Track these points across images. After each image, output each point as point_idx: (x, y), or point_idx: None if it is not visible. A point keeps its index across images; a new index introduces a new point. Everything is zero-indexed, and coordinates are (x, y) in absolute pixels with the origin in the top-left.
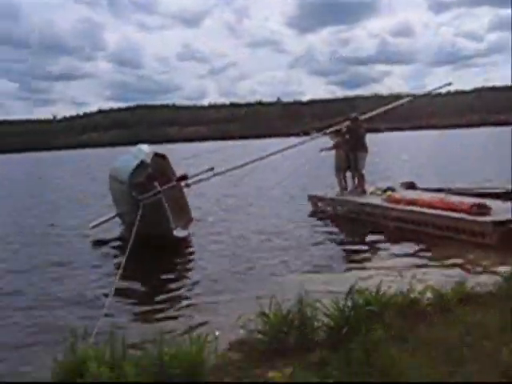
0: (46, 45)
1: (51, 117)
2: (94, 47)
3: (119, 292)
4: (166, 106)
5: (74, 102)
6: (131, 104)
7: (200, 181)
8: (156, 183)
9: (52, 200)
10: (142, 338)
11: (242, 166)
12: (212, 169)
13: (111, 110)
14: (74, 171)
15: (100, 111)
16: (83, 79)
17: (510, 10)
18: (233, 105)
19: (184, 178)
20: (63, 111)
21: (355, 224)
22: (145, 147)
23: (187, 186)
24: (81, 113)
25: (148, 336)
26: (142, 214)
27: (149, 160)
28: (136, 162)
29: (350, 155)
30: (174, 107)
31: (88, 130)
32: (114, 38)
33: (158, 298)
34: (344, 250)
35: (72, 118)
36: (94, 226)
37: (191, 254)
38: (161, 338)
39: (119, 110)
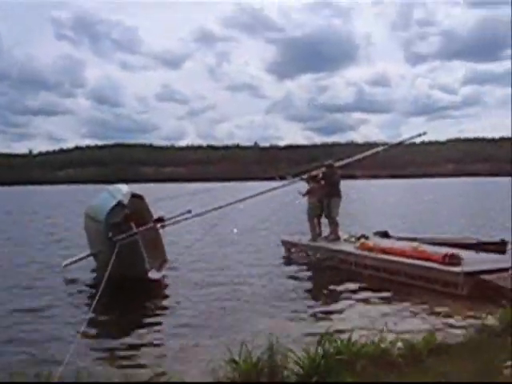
0: (26, 79)
1: (28, 151)
2: (74, 84)
3: (87, 335)
4: (144, 146)
5: (52, 137)
6: (109, 142)
7: (177, 222)
8: (132, 224)
9: (21, 236)
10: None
11: (219, 208)
12: (189, 211)
13: (88, 148)
14: (49, 206)
15: (77, 148)
16: (61, 115)
17: (484, 66)
18: (210, 147)
19: (160, 220)
20: (40, 146)
21: (328, 271)
22: (122, 187)
23: (162, 227)
24: (57, 149)
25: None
26: (117, 254)
27: (126, 200)
28: (113, 202)
29: (324, 201)
30: (152, 147)
31: (65, 166)
32: (94, 75)
33: (126, 342)
34: (316, 298)
35: (49, 153)
36: (66, 265)
37: (164, 297)
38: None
39: (96, 147)
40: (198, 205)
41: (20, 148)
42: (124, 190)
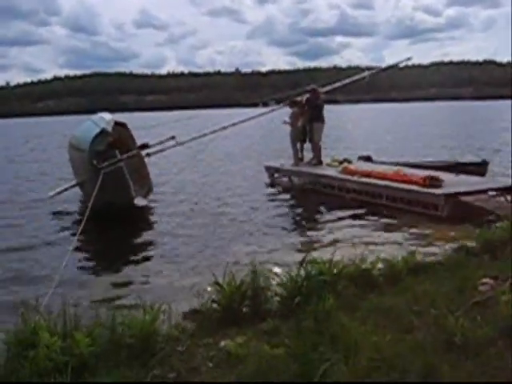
0: None
1: (5, 83)
2: (48, 11)
3: (74, 263)
4: (123, 74)
5: (29, 68)
6: (87, 71)
7: (162, 150)
8: (117, 152)
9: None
10: (95, 308)
11: (204, 135)
12: (173, 137)
13: (67, 78)
14: (31, 138)
15: (55, 78)
16: (38, 45)
17: None
18: (192, 74)
19: (145, 146)
20: (18, 78)
21: (310, 195)
22: (106, 115)
23: (148, 155)
24: (35, 80)
25: (101, 306)
26: (102, 182)
27: (110, 128)
28: (97, 130)
29: (307, 126)
30: (132, 75)
31: (44, 98)
32: (68, 2)
33: (113, 269)
34: (298, 221)
35: (27, 84)
36: (52, 196)
37: (149, 224)
38: (113, 307)
39: (75, 77)
40: (182, 132)
41: None
42: (107, 118)
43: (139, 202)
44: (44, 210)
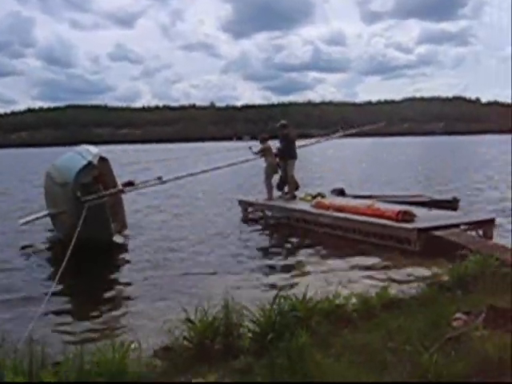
0: None
1: None
2: (23, 43)
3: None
4: (98, 107)
5: (2, 99)
6: (61, 104)
7: (145, 187)
8: (100, 186)
9: None
10: (63, 345)
11: (187, 175)
12: (160, 178)
13: (41, 109)
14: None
15: (29, 110)
16: (11, 76)
17: (437, 25)
18: (167, 107)
19: (130, 184)
20: None
21: (284, 229)
22: (91, 148)
23: (122, 192)
24: (8, 111)
25: (70, 343)
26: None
27: (96, 161)
28: (83, 162)
29: (281, 161)
30: (107, 108)
31: (17, 129)
32: (44, 34)
33: (83, 305)
34: (272, 256)
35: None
36: (23, 224)
37: (122, 261)
38: (81, 345)
39: (49, 109)
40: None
41: None
42: (93, 151)
43: (117, 239)
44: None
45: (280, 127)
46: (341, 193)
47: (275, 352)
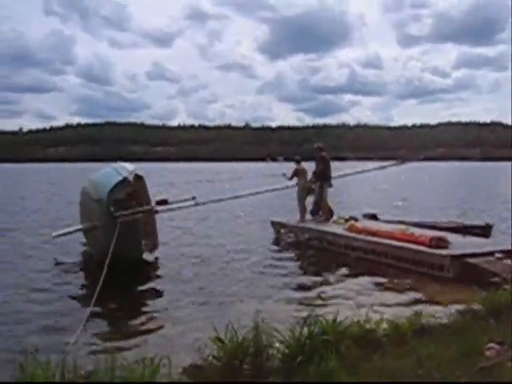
0: (15, 56)
1: (17, 129)
2: (64, 61)
3: (76, 312)
4: (135, 125)
5: (41, 115)
6: (99, 120)
7: (173, 209)
8: (134, 203)
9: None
10: (94, 359)
11: (221, 200)
12: (194, 198)
13: (78, 125)
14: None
15: (67, 126)
16: (51, 92)
17: (475, 49)
18: (202, 127)
19: (164, 202)
20: (30, 124)
21: (316, 252)
22: (127, 165)
23: (156, 212)
24: (47, 126)
25: (101, 357)
26: (115, 231)
27: (132, 178)
28: (119, 178)
29: (316, 185)
30: (143, 126)
31: (55, 144)
32: (84, 52)
33: (115, 320)
34: (303, 278)
35: (38, 131)
36: (56, 236)
37: (155, 279)
38: (112, 360)
39: (87, 125)
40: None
41: (9, 125)
42: (129, 168)
43: (147, 257)
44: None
45: (316, 150)
46: (373, 217)
47: (304, 374)
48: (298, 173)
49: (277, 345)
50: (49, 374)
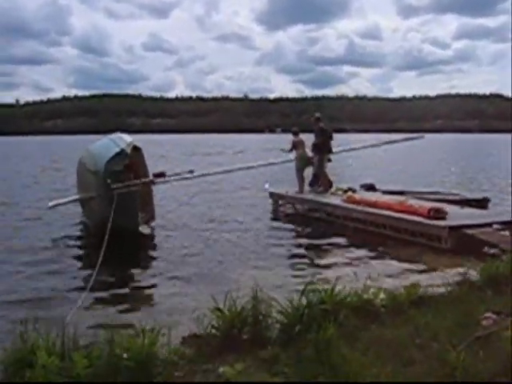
0: (10, 27)
1: (14, 101)
2: (60, 32)
3: (76, 283)
4: (133, 96)
5: (38, 87)
6: (96, 92)
7: (176, 180)
8: (131, 175)
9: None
10: (94, 329)
11: (221, 172)
12: (192, 171)
13: (76, 97)
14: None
15: (64, 98)
16: (47, 64)
17: (475, 20)
18: (200, 98)
19: (162, 175)
20: (26, 96)
21: (314, 223)
22: (125, 136)
23: (152, 183)
24: (45, 98)
25: (100, 328)
26: (112, 203)
27: (129, 150)
28: (116, 150)
29: (316, 156)
30: (141, 98)
31: (53, 117)
32: (79, 23)
33: (114, 292)
34: (301, 249)
35: (36, 103)
36: (52, 206)
37: (153, 250)
38: (113, 330)
39: (84, 97)
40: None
41: (6, 98)
42: (127, 139)
43: (144, 229)
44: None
45: (315, 120)
46: (371, 188)
47: (302, 343)
48: (297, 144)
49: (275, 314)
50: (49, 345)
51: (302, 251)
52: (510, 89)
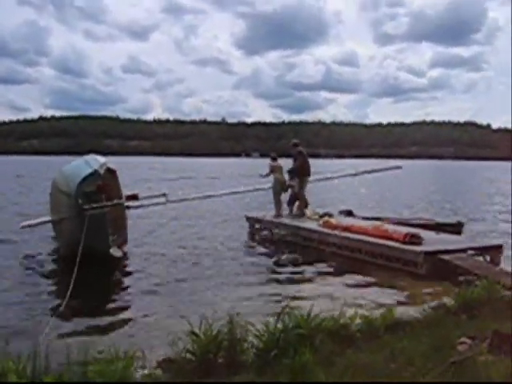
0: None
1: None
2: (38, 52)
3: (47, 306)
4: (110, 118)
5: (14, 106)
6: (73, 113)
7: (146, 206)
8: (103, 197)
9: None
10: (67, 352)
11: (194, 199)
12: (164, 194)
13: (53, 118)
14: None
15: (41, 118)
16: (24, 84)
17: (450, 49)
18: (177, 121)
19: (134, 197)
20: (2, 115)
21: (291, 247)
22: (99, 158)
23: (128, 208)
24: (21, 118)
25: (73, 351)
26: (83, 224)
27: (102, 171)
28: (89, 171)
29: (295, 179)
30: (118, 119)
31: (29, 137)
32: (58, 44)
33: (87, 314)
34: (277, 272)
35: (12, 122)
36: (24, 226)
37: (126, 273)
38: (85, 352)
39: (61, 118)
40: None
41: None
42: (101, 160)
43: (115, 252)
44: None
45: (293, 146)
46: (349, 214)
47: (278, 368)
48: (275, 169)
49: (251, 338)
50: (20, 367)
51: (277, 276)
52: (483, 117)
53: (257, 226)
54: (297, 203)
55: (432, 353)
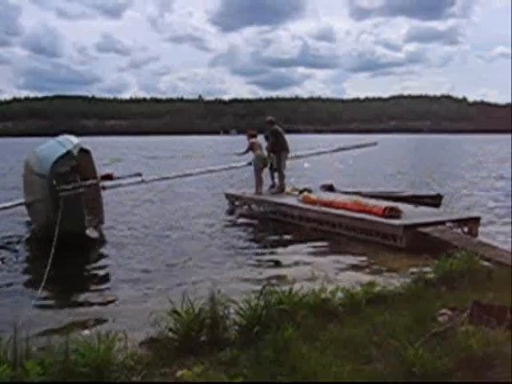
0: None
1: None
2: (9, 32)
3: (27, 289)
4: (86, 98)
5: None
6: (48, 93)
7: (121, 185)
8: (78, 177)
9: None
10: (48, 335)
11: (172, 177)
12: (140, 174)
13: (27, 99)
14: None
15: (15, 99)
16: None
17: (426, 23)
18: (154, 100)
19: (109, 177)
20: None
21: (270, 223)
22: (72, 138)
23: (103, 188)
24: None
25: (54, 334)
26: (57, 206)
27: (76, 152)
28: (62, 151)
29: (273, 156)
30: (94, 99)
31: (2, 119)
32: (30, 23)
33: (67, 297)
34: (257, 250)
35: None
36: None
37: (104, 252)
38: (67, 335)
39: (35, 99)
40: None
41: None
42: (74, 141)
43: (91, 233)
44: None
45: (268, 123)
46: (330, 188)
47: (261, 344)
48: (254, 146)
49: (233, 316)
50: (0, 352)
51: (258, 252)
52: (458, 90)
53: (236, 203)
54: (276, 180)
55: (414, 325)
